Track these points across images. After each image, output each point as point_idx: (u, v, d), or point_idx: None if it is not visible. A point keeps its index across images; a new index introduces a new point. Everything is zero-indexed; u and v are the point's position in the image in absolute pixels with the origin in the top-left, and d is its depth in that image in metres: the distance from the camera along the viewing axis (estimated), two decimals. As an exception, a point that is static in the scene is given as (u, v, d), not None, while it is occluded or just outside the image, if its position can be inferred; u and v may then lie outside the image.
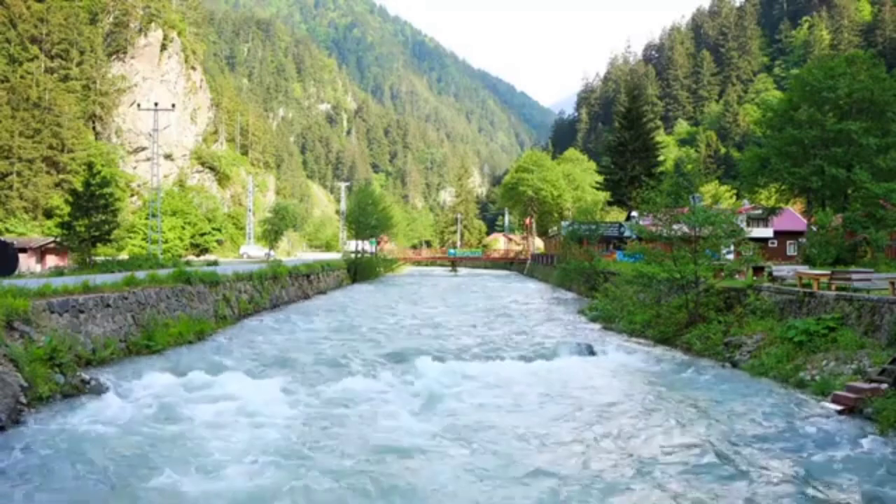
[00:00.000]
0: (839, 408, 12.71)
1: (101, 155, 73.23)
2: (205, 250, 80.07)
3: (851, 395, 12.76)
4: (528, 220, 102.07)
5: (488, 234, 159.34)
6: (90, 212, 36.27)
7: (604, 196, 76.56)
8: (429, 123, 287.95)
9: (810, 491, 9.36)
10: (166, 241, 68.98)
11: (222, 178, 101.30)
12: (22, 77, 69.21)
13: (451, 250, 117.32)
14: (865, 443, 11.02)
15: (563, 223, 68.99)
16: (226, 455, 10.67)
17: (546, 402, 14.51)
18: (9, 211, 62.23)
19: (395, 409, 13.50)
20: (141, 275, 24.04)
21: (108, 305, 19.04)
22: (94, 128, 79.35)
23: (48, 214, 63.16)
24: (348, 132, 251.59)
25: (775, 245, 50.00)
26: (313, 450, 11.03)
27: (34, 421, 12.10)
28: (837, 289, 17.84)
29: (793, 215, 51.12)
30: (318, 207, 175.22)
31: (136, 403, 13.61)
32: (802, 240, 40.12)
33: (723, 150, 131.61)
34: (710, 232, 23.05)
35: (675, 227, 23.66)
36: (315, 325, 28.69)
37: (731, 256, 28.71)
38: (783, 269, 22.75)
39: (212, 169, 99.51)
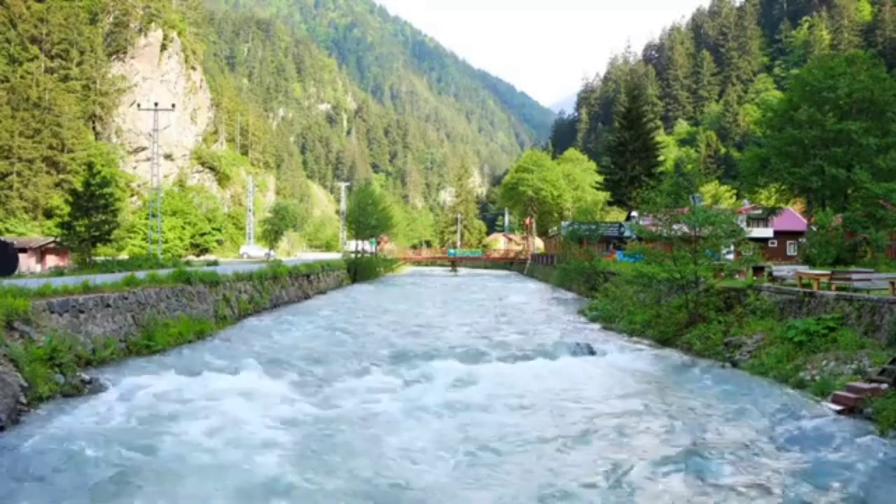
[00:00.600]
0: (839, 408, 12.70)
1: (101, 155, 73.21)
2: (205, 250, 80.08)
3: (851, 395, 12.74)
4: (528, 220, 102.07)
5: (488, 234, 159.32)
6: (90, 212, 36.26)
7: (604, 196, 76.56)
8: (429, 123, 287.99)
9: (810, 491, 9.36)
10: (166, 241, 68.98)
11: (222, 178, 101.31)
12: (22, 77, 69.20)
13: (451, 250, 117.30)
14: (865, 443, 11.00)
15: (563, 223, 69.00)
16: (223, 462, 10.63)
17: (547, 404, 14.50)
18: (9, 211, 62.23)
19: (401, 418, 13.23)
20: (141, 275, 24.04)
21: (108, 305, 19.04)
22: (94, 128, 79.35)
23: (48, 214, 63.15)
24: (348, 132, 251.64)
25: (775, 245, 50.00)
26: (316, 468, 10.38)
27: (34, 421, 12.09)
28: (837, 289, 17.83)
29: (793, 215, 51.12)
30: (318, 207, 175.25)
31: (136, 404, 13.60)
32: (802, 240, 40.14)
33: (723, 150, 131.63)
34: (710, 232, 23.04)
35: (675, 227, 23.64)
36: (315, 325, 28.66)
37: (731, 256, 28.70)
38: (783, 269, 22.74)
39: (212, 169, 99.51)
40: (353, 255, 69.30)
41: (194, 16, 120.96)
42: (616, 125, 76.44)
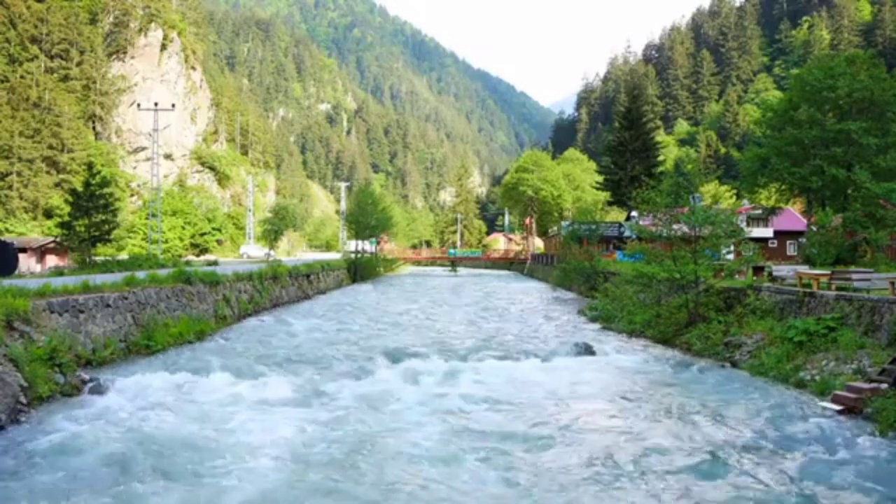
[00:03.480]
0: (839, 408, 12.70)
1: (101, 155, 73.25)
2: (205, 250, 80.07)
3: (851, 395, 12.74)
4: (528, 220, 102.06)
5: (488, 234, 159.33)
6: (90, 212, 36.24)
7: (604, 196, 76.59)
8: (429, 123, 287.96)
9: (810, 491, 9.36)
10: (166, 241, 68.98)
11: (222, 178, 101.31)
12: (22, 77, 69.20)
13: (451, 250, 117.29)
14: (865, 443, 11.00)
15: (563, 223, 69.01)
16: (222, 463, 10.63)
17: (546, 403, 14.50)
18: (9, 211, 62.22)
19: (401, 417, 13.19)
20: (141, 275, 24.03)
21: (108, 305, 19.03)
22: (94, 128, 79.35)
23: (48, 214, 63.15)
24: (348, 132, 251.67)
25: (775, 245, 50.00)
26: (316, 469, 10.32)
27: (34, 421, 12.10)
28: (837, 289, 17.83)
29: (793, 215, 51.12)
30: (318, 207, 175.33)
31: (136, 404, 13.60)
32: (802, 240, 40.13)
33: (723, 150, 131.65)
34: (710, 232, 23.05)
35: (675, 227, 23.66)
36: (316, 325, 28.67)
37: (731, 256, 28.70)
38: (783, 269, 22.75)
39: (212, 169, 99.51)
40: (353, 255, 69.31)
41: (194, 16, 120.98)
42: (616, 125, 76.45)
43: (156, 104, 59.18)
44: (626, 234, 51.57)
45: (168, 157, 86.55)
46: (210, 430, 12.02)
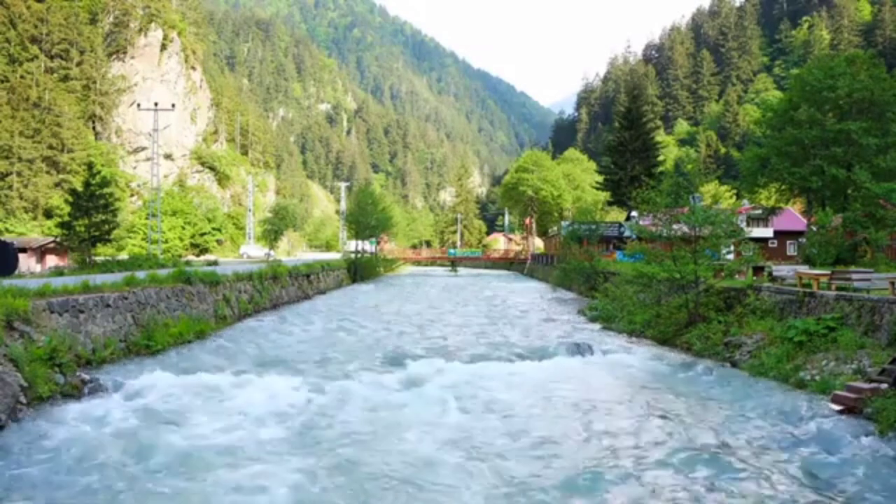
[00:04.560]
0: (839, 408, 12.69)
1: (101, 155, 73.28)
2: (205, 250, 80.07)
3: (851, 395, 12.73)
4: (528, 220, 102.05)
5: (488, 234, 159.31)
6: (90, 212, 36.24)
7: (604, 196, 76.61)
8: (429, 123, 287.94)
9: (810, 491, 9.36)
10: (166, 241, 68.99)
11: (222, 178, 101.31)
12: (22, 77, 69.23)
13: (451, 250, 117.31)
14: (865, 443, 11.00)
15: (563, 223, 69.01)
16: (222, 463, 10.62)
17: (546, 403, 14.50)
18: (9, 211, 62.23)
19: (401, 418, 13.12)
20: (141, 275, 24.02)
21: (108, 305, 19.02)
22: (94, 128, 79.38)
23: (48, 214, 63.17)
24: (348, 132, 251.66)
25: (775, 245, 50.00)
26: (315, 469, 10.32)
27: (34, 421, 12.09)
28: (837, 289, 17.83)
29: (793, 215, 51.12)
30: (318, 207, 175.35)
31: (136, 404, 13.59)
32: (802, 240, 40.11)
33: (723, 150, 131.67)
34: (710, 232, 23.05)
35: (674, 227, 23.65)
36: (316, 325, 28.66)
37: (731, 256, 28.69)
38: (783, 269, 22.75)
39: (212, 169, 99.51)
40: (353, 255, 69.30)
41: (194, 16, 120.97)
42: (616, 125, 76.48)
43: (156, 104, 59.19)
44: (626, 234, 51.58)
45: (168, 157, 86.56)
46: (209, 430, 12.01)
